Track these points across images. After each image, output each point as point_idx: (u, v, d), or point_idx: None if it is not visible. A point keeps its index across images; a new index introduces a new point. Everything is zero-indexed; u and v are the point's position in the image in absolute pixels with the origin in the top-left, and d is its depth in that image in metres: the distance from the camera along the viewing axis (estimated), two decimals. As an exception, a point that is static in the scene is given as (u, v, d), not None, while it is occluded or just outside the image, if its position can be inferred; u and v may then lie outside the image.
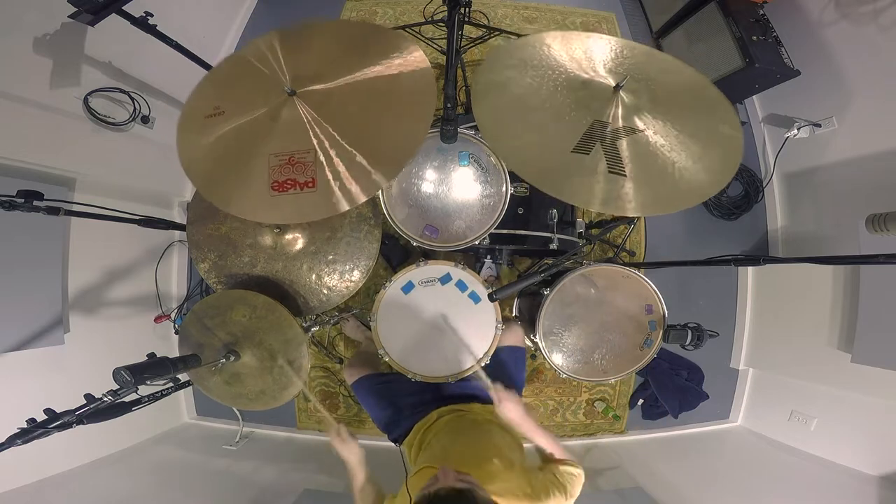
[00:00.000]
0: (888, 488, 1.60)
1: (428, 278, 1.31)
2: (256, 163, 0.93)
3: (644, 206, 0.92)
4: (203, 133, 0.99)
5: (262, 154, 0.94)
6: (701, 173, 0.95)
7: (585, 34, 1.11)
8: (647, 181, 0.93)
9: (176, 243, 2.19)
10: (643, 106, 0.99)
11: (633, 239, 2.27)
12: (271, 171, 0.91)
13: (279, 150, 0.93)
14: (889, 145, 1.73)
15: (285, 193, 0.90)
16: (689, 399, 2.13)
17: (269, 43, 1.04)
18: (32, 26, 1.36)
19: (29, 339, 1.48)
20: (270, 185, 0.91)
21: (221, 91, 1.06)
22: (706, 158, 0.96)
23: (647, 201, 0.92)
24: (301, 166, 0.91)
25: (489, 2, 2.56)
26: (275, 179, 0.91)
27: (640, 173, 0.92)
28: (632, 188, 0.92)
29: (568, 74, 1.02)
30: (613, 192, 0.91)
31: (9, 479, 1.41)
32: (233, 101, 1.01)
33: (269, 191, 0.91)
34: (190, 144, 1.00)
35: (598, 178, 0.91)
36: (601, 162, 0.92)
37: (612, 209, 0.92)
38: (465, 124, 1.28)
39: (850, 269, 1.74)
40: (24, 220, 1.17)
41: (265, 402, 1.27)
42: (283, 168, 0.91)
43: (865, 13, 1.77)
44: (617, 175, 0.92)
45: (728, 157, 0.98)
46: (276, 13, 2.54)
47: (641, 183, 0.92)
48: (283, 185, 0.91)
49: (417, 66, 0.97)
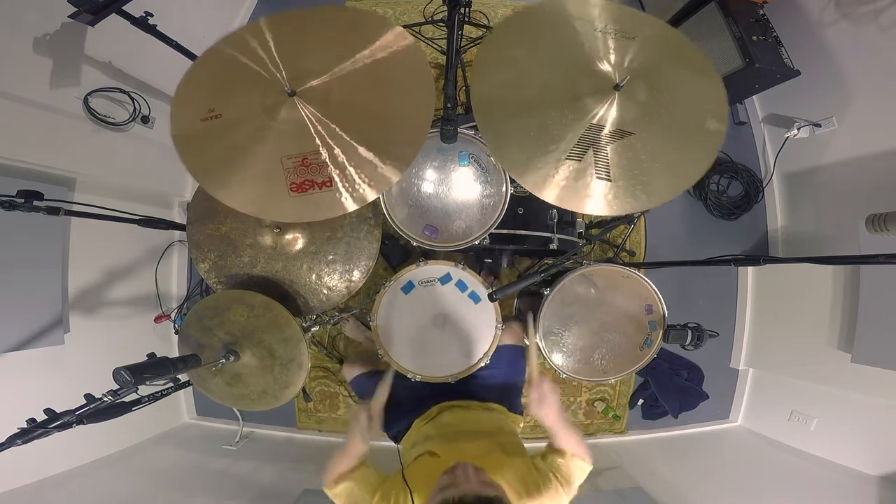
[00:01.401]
0: (888, 488, 1.60)
1: (428, 278, 1.31)
2: (267, 165, 0.92)
3: (616, 207, 0.93)
4: (205, 139, 0.97)
5: (271, 156, 0.92)
6: (669, 180, 0.95)
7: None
8: (626, 186, 0.93)
9: (176, 243, 2.19)
10: (638, 107, 0.98)
11: (633, 239, 2.27)
12: (286, 172, 0.91)
13: (289, 152, 0.92)
14: (889, 145, 1.73)
15: (306, 194, 0.90)
16: (689, 399, 2.13)
17: (256, 30, 1.02)
18: (32, 26, 1.36)
19: (29, 339, 1.48)
20: (289, 186, 0.90)
21: (212, 91, 1.02)
22: (679, 166, 0.97)
23: (622, 202, 0.93)
24: (315, 167, 0.91)
25: (489, 2, 2.56)
26: (292, 181, 0.90)
27: (621, 178, 0.93)
28: (612, 191, 0.93)
29: (574, 56, 0.99)
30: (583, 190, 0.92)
31: (9, 479, 1.41)
32: (227, 101, 0.98)
33: (288, 192, 0.90)
34: (194, 153, 0.97)
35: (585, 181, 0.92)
36: (590, 167, 0.93)
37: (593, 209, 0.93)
38: (465, 124, 1.29)
39: (850, 269, 1.74)
40: (24, 220, 1.17)
41: (267, 401, 1.27)
42: (299, 169, 0.91)
43: (865, 13, 1.76)
44: (603, 181, 0.92)
45: (699, 160, 0.97)
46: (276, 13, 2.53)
47: (620, 187, 0.93)
48: (301, 186, 0.90)
49: (401, 44, 0.95)
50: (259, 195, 0.93)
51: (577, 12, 1.02)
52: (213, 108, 0.96)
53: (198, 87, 1.02)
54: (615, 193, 0.93)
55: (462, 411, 1.21)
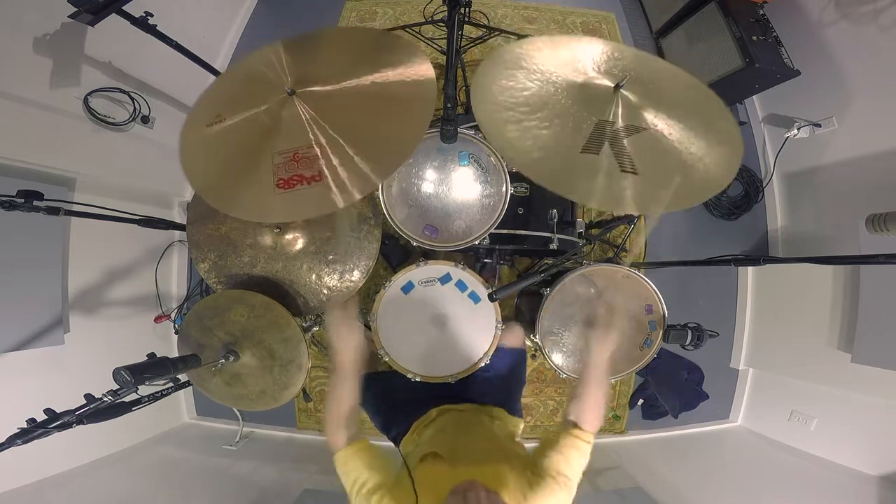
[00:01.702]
0: (888, 488, 1.60)
1: (428, 278, 1.31)
2: (260, 163, 0.93)
3: (655, 204, 0.91)
4: (208, 145, 0.98)
5: (265, 153, 0.93)
6: (711, 168, 0.94)
7: (574, 38, 1.09)
8: (657, 178, 0.91)
9: (176, 243, 2.19)
10: (646, 104, 0.98)
11: (633, 239, 2.26)
12: (276, 168, 0.91)
13: (281, 148, 0.92)
14: (889, 145, 1.74)
15: (292, 190, 0.90)
16: (689, 399, 2.13)
17: (274, 49, 1.04)
18: (32, 26, 1.36)
19: (29, 339, 1.48)
20: (276, 182, 0.90)
21: (221, 100, 1.05)
22: (712, 153, 0.96)
23: (660, 198, 0.91)
24: (306, 161, 0.90)
25: (489, 2, 2.56)
26: (280, 177, 0.91)
27: (649, 170, 0.91)
28: (641, 186, 0.90)
29: (565, 78, 1.01)
30: (620, 190, 0.90)
31: (9, 479, 1.41)
32: (231, 105, 1.00)
33: (274, 189, 0.90)
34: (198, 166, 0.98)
35: (613, 178, 0.90)
36: (611, 160, 0.92)
37: (621, 208, 0.91)
38: (465, 124, 1.29)
39: (850, 269, 1.74)
40: (24, 220, 1.17)
41: (266, 402, 1.28)
42: (289, 165, 0.91)
43: (865, 13, 1.77)
44: (628, 173, 0.91)
45: (731, 151, 0.97)
46: (276, 13, 2.54)
47: (649, 180, 0.91)
48: (289, 182, 0.90)
49: (422, 75, 0.95)
50: (245, 196, 0.93)
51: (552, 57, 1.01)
52: (220, 113, 0.98)
53: (213, 102, 1.05)
54: (643, 188, 0.90)
55: (461, 416, 1.20)
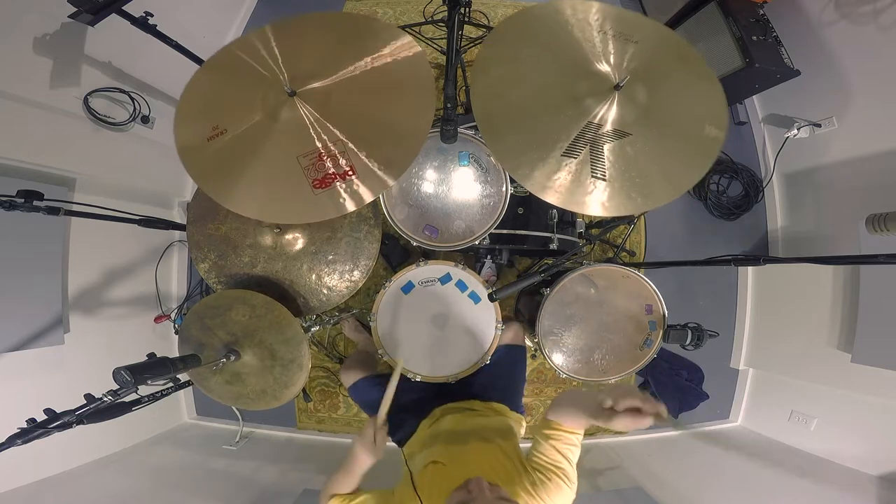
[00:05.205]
0: (888, 488, 1.60)
1: (428, 278, 1.31)
2: (288, 168, 0.92)
3: (611, 208, 0.93)
4: (214, 159, 0.97)
5: (280, 158, 0.93)
6: (665, 183, 0.96)
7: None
8: (621, 186, 0.93)
9: (176, 243, 2.19)
10: (637, 108, 0.98)
11: (633, 239, 2.27)
12: (305, 171, 0.91)
13: (303, 150, 0.92)
14: (889, 145, 1.73)
15: (329, 188, 0.90)
16: (689, 399, 2.13)
17: (263, 38, 1.02)
18: (32, 26, 1.36)
19: (29, 339, 1.48)
20: (312, 184, 0.91)
21: (213, 102, 1.02)
22: (675, 169, 0.97)
23: (616, 204, 0.93)
24: (333, 158, 0.91)
25: (489, 2, 2.56)
26: (314, 178, 0.91)
27: (616, 179, 0.93)
28: (606, 192, 0.93)
29: (574, 56, 0.99)
30: (581, 195, 0.92)
31: (8, 479, 1.41)
32: (230, 114, 0.99)
33: (311, 190, 0.91)
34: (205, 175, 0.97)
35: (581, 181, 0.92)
36: (585, 166, 0.93)
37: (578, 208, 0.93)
38: (465, 124, 1.28)
39: (850, 269, 1.74)
40: (24, 220, 1.17)
41: (266, 401, 1.27)
42: (317, 165, 0.91)
43: (865, 13, 1.76)
44: (597, 179, 0.92)
45: (697, 164, 0.97)
46: (276, 13, 2.54)
47: (616, 188, 0.93)
48: (324, 182, 0.91)
49: (409, 51, 0.95)
50: (277, 198, 0.93)
51: (576, 13, 1.02)
52: (217, 125, 0.97)
53: (202, 94, 1.03)
54: (610, 195, 0.93)
55: (464, 415, 1.19)
